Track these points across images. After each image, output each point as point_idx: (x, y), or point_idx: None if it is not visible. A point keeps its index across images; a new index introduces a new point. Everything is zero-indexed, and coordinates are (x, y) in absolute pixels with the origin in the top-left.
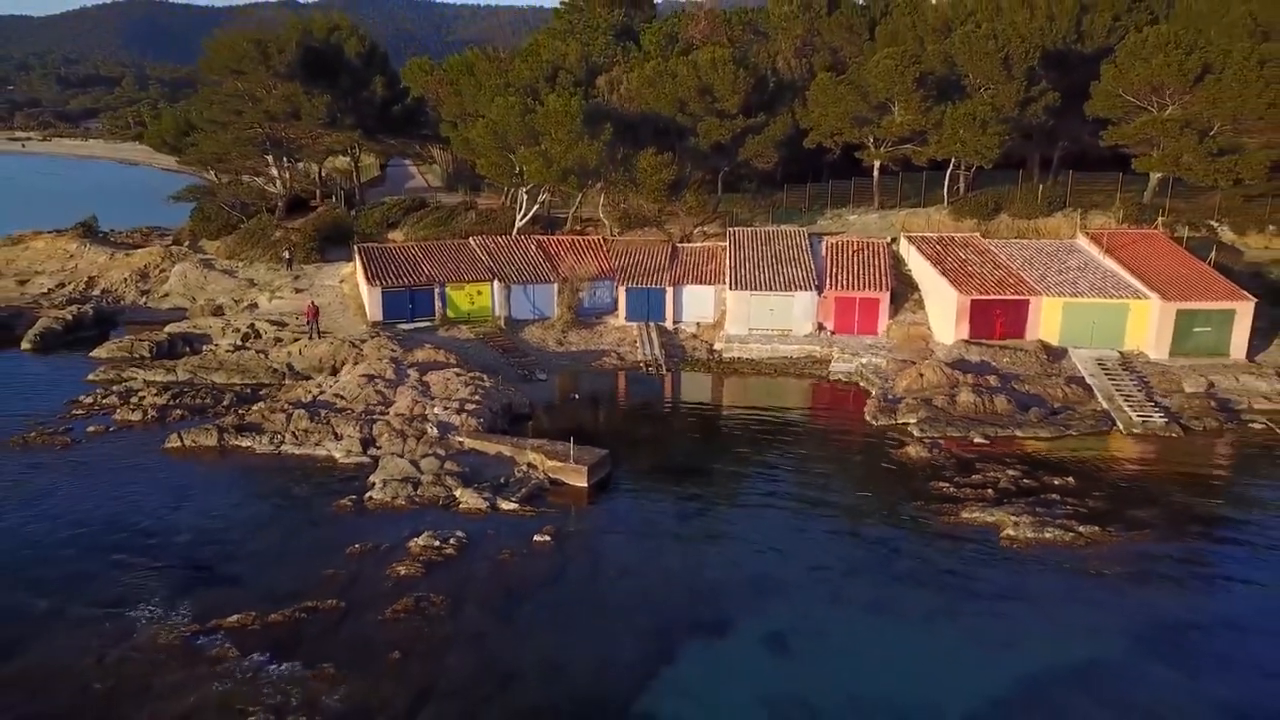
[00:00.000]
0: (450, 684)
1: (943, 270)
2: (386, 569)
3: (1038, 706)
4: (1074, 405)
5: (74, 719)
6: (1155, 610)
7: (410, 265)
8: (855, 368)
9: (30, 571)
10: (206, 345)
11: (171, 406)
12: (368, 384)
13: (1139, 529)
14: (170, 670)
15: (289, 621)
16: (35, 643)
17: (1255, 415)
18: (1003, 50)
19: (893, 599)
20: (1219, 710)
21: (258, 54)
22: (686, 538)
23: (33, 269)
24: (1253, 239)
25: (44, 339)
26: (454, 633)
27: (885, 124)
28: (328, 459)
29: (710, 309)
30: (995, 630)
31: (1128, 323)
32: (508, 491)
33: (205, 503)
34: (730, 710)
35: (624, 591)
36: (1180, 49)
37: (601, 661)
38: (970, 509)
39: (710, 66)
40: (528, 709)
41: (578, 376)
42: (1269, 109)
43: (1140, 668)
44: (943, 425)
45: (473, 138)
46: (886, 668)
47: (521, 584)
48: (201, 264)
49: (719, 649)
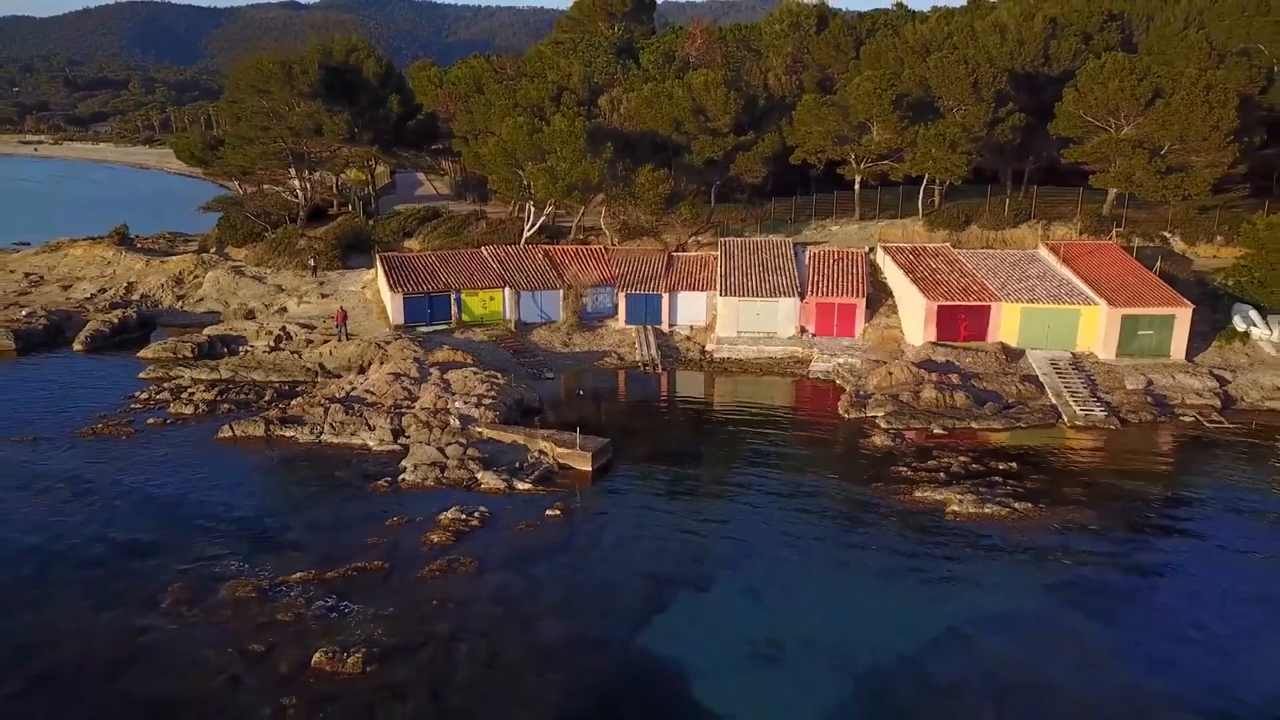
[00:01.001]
0: (479, 626)
1: (914, 278)
2: (421, 537)
3: (964, 643)
4: (1026, 400)
5: (176, 651)
6: (1067, 571)
7: (428, 273)
8: (833, 367)
9: (123, 539)
10: (243, 346)
11: (219, 401)
12: (395, 381)
13: (1065, 505)
14: (251, 612)
15: (343, 578)
16: (139, 594)
17: (1187, 410)
18: (973, 74)
19: (850, 561)
20: (1111, 645)
21: (283, 75)
22: (677, 512)
23: (74, 275)
24: (1201, 249)
25: (93, 340)
26: (480, 587)
27: (865, 142)
28: (363, 447)
29: (703, 313)
30: (933, 586)
31: (1079, 326)
32: (522, 474)
33: (259, 484)
34: (712, 647)
35: (623, 555)
36: (1134, 75)
37: (604, 610)
38: (923, 489)
39: (703, 88)
40: (543, 646)
41: (582, 375)
42: (1212, 131)
43: (1050, 614)
44: (906, 418)
45: (484, 154)
46: (841, 615)
47: (536, 549)
48: (232, 270)
49: (703, 600)
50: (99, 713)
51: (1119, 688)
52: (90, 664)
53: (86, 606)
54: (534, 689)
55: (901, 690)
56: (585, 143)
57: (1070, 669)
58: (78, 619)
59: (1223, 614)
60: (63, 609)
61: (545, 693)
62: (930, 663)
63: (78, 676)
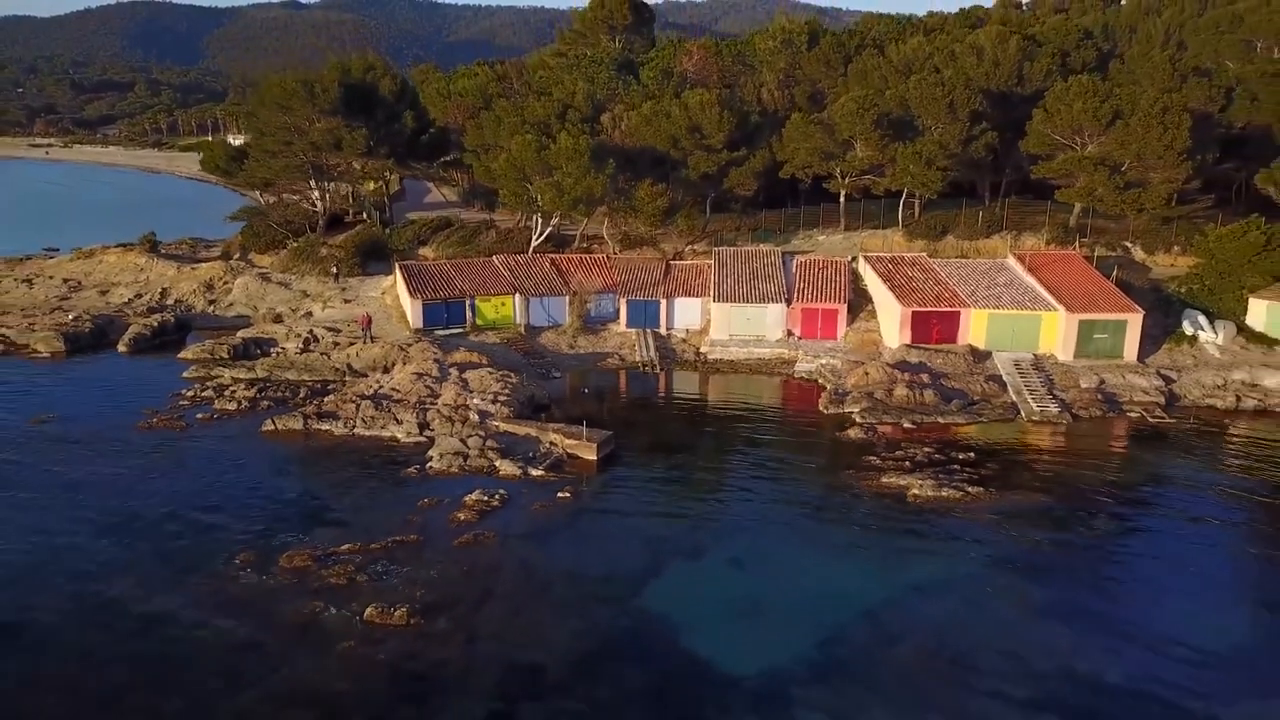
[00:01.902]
0: (503, 588)
1: (891, 286)
2: (450, 515)
3: (915, 601)
4: (989, 398)
5: (243, 610)
6: (1008, 544)
7: (445, 280)
8: (816, 367)
9: (190, 516)
10: (274, 348)
11: (259, 399)
12: (418, 380)
13: (1012, 490)
14: (309, 575)
15: (385, 549)
16: (212, 561)
17: (1133, 406)
18: (948, 95)
19: (821, 535)
20: (1040, 604)
21: (305, 93)
22: (672, 495)
23: (109, 280)
24: (1160, 258)
25: (136, 342)
26: (503, 556)
27: (849, 158)
28: (392, 439)
29: (698, 318)
30: (891, 556)
31: (1041, 330)
32: (535, 462)
33: (303, 471)
34: (700, 603)
35: (624, 530)
36: (1096, 97)
37: (609, 575)
38: (889, 475)
39: (699, 107)
40: (559, 602)
41: (586, 374)
42: (1166, 150)
43: (992, 578)
44: (879, 413)
45: (495, 169)
46: (811, 579)
47: (549, 525)
48: (260, 277)
49: (693, 567)
50: (192, 652)
51: (1042, 638)
52: (180, 613)
53: (171, 569)
54: (550, 637)
55: (860, 638)
56: (589, 159)
57: (1003, 623)
58: (166, 579)
59: (1143, 579)
60: (153, 571)
61: (560, 640)
62: (885, 617)
63: (172, 623)
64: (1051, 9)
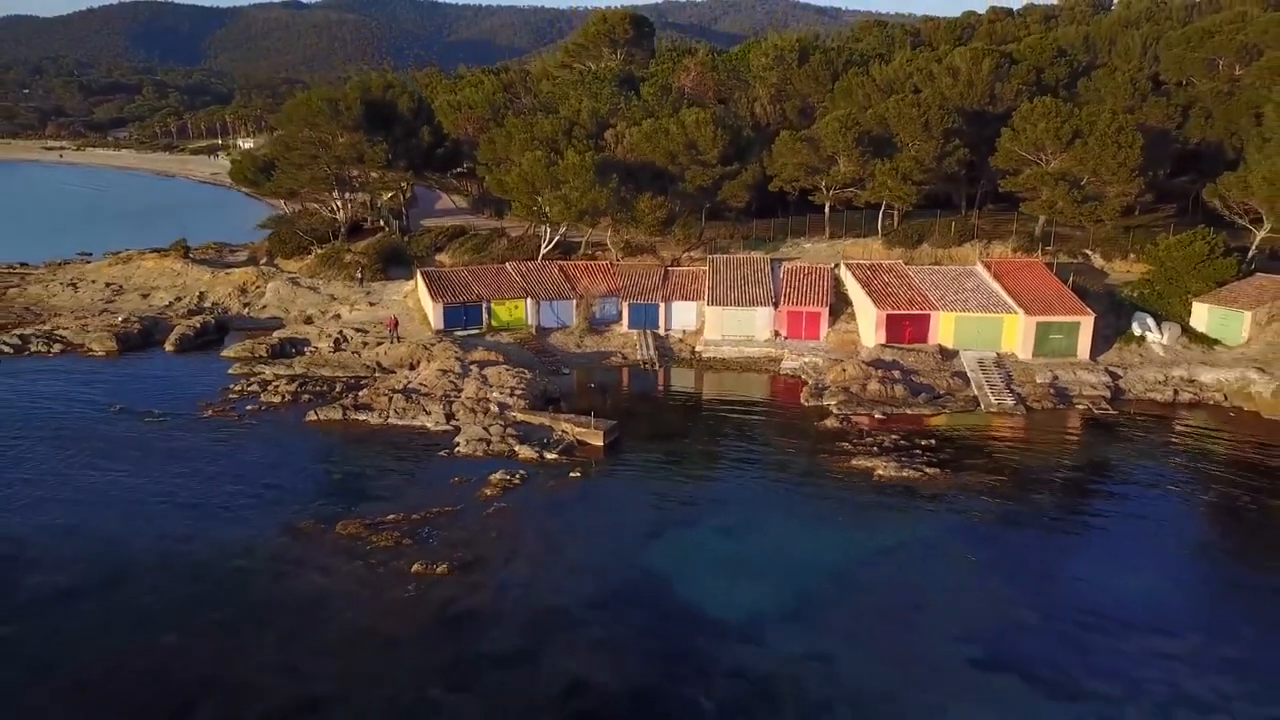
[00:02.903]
0: (526, 549)
1: (869, 290)
2: (478, 491)
3: (875, 561)
4: (954, 392)
5: (317, 562)
6: (957, 516)
7: (463, 285)
8: (799, 365)
9: (253, 491)
10: (308, 347)
11: (300, 392)
12: (442, 376)
13: (965, 471)
14: (362, 539)
15: (425, 519)
16: (278, 529)
17: (1082, 399)
18: (924, 115)
19: (798, 508)
20: (981, 564)
21: (329, 111)
22: (669, 476)
23: (149, 284)
24: (1117, 265)
25: (182, 342)
26: (525, 524)
27: (833, 173)
28: (422, 427)
29: (693, 319)
30: (858, 525)
31: (1003, 331)
32: (550, 448)
33: (346, 455)
34: (692, 561)
35: (628, 504)
36: (1058, 117)
37: (616, 541)
38: (859, 458)
39: (695, 125)
40: (571, 562)
41: (592, 371)
42: (1120, 166)
43: (942, 543)
44: (854, 405)
45: (508, 183)
46: (787, 543)
47: (564, 500)
48: (290, 281)
49: (688, 533)
50: (273, 599)
51: (979, 590)
52: (259, 570)
53: (244, 533)
54: (567, 587)
55: (826, 589)
56: (594, 174)
57: (947, 578)
58: (243, 544)
59: (1073, 544)
60: (230, 538)
61: (575, 589)
62: (848, 573)
63: (252, 577)
64: (1041, 16)
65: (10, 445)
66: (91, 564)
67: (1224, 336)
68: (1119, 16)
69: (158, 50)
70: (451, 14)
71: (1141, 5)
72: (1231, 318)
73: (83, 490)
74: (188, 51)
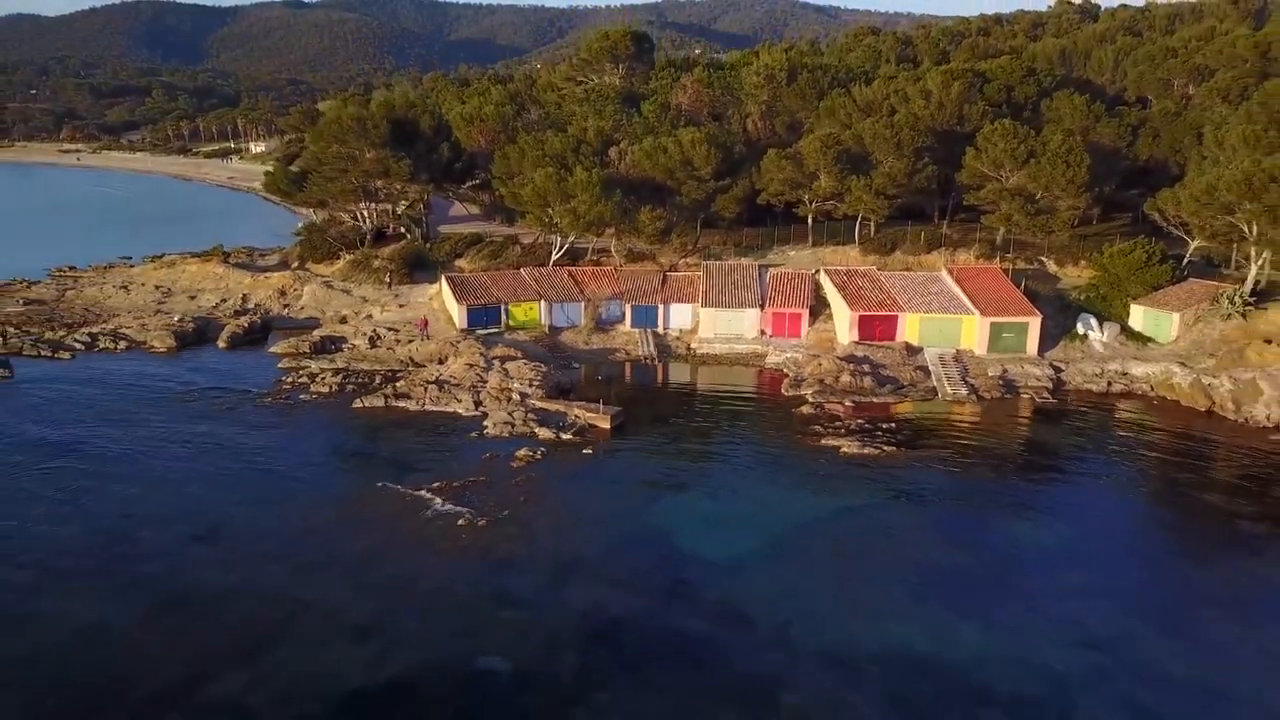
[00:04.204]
0: (548, 510)
1: (844, 294)
2: (506, 465)
3: (833, 520)
4: (916, 383)
5: (376, 519)
6: (907, 486)
7: (483, 289)
8: (782, 360)
9: (318, 464)
10: (346, 344)
11: (345, 384)
12: (470, 369)
13: (917, 449)
14: (414, 501)
15: (464, 486)
16: (340, 496)
17: (1027, 389)
18: (896, 136)
19: (774, 477)
20: (921, 524)
21: (358, 128)
22: (666, 452)
23: (195, 287)
24: (1070, 270)
25: (232, 339)
26: (546, 491)
27: (814, 188)
28: (454, 413)
29: (689, 320)
30: (822, 490)
31: (961, 330)
32: (564, 429)
33: (391, 435)
34: (686, 519)
35: (632, 475)
36: (1015, 139)
37: (622, 503)
38: (828, 438)
39: (690, 145)
40: (585, 517)
41: (599, 365)
42: (1069, 183)
43: (890, 504)
44: (828, 394)
45: (522, 196)
46: (763, 504)
47: (578, 472)
48: (324, 285)
49: (682, 496)
50: (339, 551)
51: (919, 540)
52: (328, 529)
53: (314, 500)
54: (584, 538)
55: (794, 538)
56: (600, 189)
57: (893, 531)
58: (310, 507)
59: (1005, 504)
60: (302, 502)
61: (590, 540)
62: (812, 527)
63: (322, 533)
64: (1029, 24)
65: (99, 430)
66: (201, 518)
67: (1156, 335)
68: (1094, 31)
69: (160, 49)
70: (452, 13)
71: (1125, 14)
72: (1163, 318)
73: (175, 459)
74: (190, 51)
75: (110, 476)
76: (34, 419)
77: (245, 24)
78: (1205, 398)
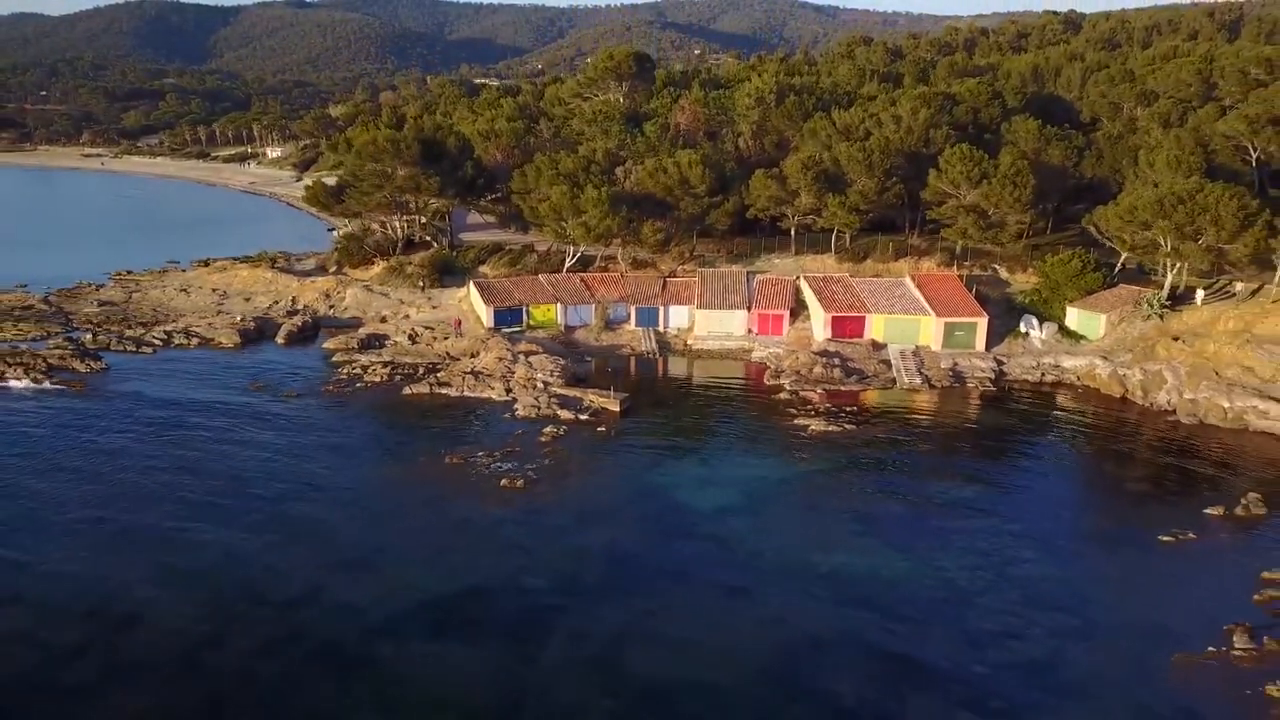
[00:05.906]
0: (572, 473)
1: (819, 297)
2: (535, 439)
3: (798, 483)
4: (879, 374)
5: (437, 479)
6: (864, 456)
7: (507, 293)
8: (766, 355)
9: (384, 437)
10: (388, 341)
11: (393, 374)
12: (499, 362)
13: (875, 427)
14: (461, 467)
15: (502, 455)
16: (404, 462)
17: (973, 380)
18: (868, 158)
19: (754, 449)
20: (871, 486)
21: (392, 148)
22: (666, 430)
23: (248, 290)
24: (1019, 277)
25: (289, 336)
26: (570, 460)
27: (796, 204)
28: (488, 398)
29: (686, 319)
30: (795, 459)
31: (920, 329)
32: (582, 412)
33: (438, 416)
34: (683, 479)
35: (638, 447)
36: (970, 161)
37: (631, 469)
38: (800, 419)
39: (687, 165)
40: (603, 483)
41: (609, 359)
42: (1016, 201)
43: (847, 468)
44: (803, 383)
45: (540, 211)
46: (743, 471)
47: (595, 446)
48: (364, 288)
49: (678, 462)
50: (406, 501)
51: (869, 495)
52: (396, 484)
53: (382, 463)
54: (602, 494)
55: (767, 494)
56: (608, 205)
57: (847, 489)
58: (380, 470)
59: (943, 470)
60: (374, 466)
61: (607, 495)
62: (780, 486)
63: (392, 488)
64: (1015, 34)
65: (195, 411)
66: (298, 475)
67: (1088, 333)
68: (1066, 50)
69: (163, 49)
70: (453, 12)
71: (1106, 26)
72: (1093, 319)
73: (261, 432)
74: (193, 50)
75: (216, 445)
76: (137, 402)
77: (248, 23)
78: (1120, 386)
